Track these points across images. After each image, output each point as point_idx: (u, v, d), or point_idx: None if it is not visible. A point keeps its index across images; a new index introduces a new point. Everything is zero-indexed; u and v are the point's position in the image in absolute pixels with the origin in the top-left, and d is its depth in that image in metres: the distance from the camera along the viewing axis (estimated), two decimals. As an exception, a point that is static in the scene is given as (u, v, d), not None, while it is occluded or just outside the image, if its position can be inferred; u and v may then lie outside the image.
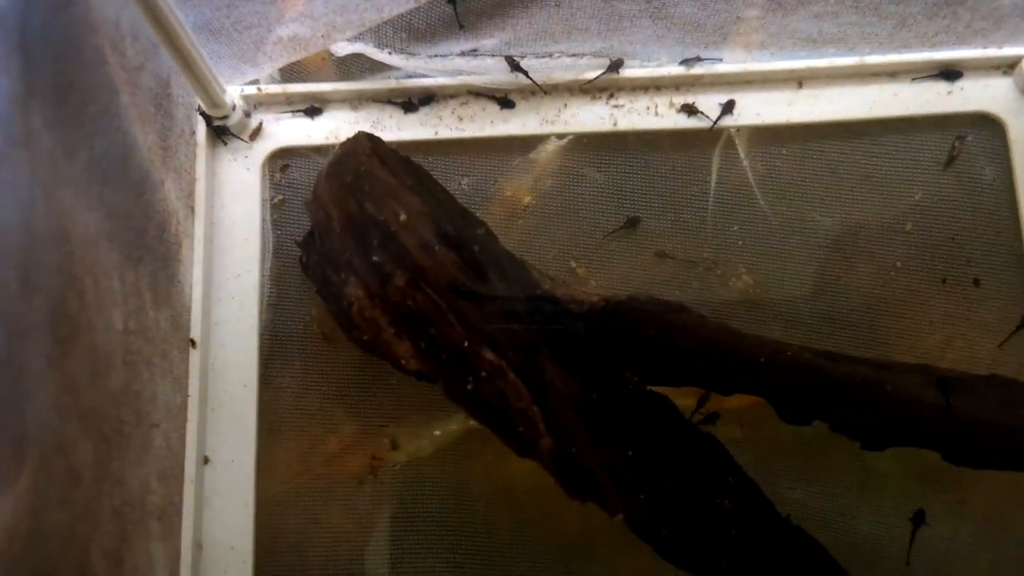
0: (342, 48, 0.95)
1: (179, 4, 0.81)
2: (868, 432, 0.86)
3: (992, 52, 0.99)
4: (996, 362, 0.95)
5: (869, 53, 0.99)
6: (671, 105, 1.01)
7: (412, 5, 0.83)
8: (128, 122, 0.80)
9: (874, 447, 0.87)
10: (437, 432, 0.96)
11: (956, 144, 1.00)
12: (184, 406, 0.92)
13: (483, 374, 0.85)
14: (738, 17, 0.90)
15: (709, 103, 1.01)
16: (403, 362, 0.88)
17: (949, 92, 1.01)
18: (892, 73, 1.01)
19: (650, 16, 0.89)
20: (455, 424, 0.96)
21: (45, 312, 0.65)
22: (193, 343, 0.94)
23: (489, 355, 0.85)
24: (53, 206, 0.68)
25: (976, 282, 0.97)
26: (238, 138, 1.01)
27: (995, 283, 0.97)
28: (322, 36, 0.89)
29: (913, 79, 1.01)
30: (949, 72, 1.00)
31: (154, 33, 0.80)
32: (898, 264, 0.98)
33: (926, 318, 0.97)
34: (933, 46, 0.97)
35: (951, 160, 1.00)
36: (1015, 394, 0.88)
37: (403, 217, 0.87)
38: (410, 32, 0.94)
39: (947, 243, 0.98)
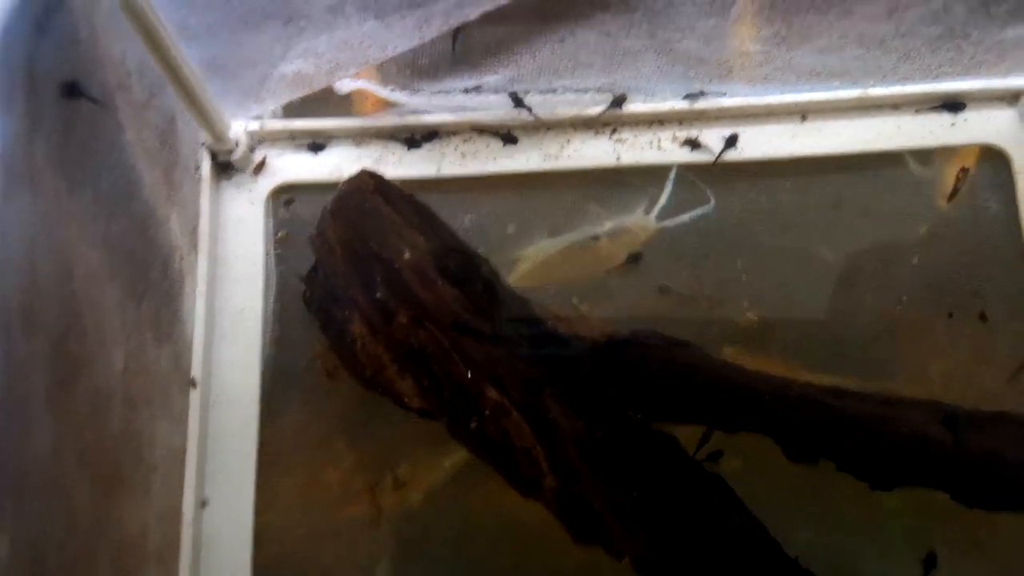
0: (345, 85, 0.95)
1: (185, 41, 0.81)
2: (876, 472, 0.85)
3: (995, 84, 0.99)
4: (1004, 397, 0.94)
5: (872, 86, 0.99)
6: (675, 139, 1.02)
7: (415, 43, 0.83)
8: (133, 158, 0.81)
9: (882, 487, 0.85)
10: (440, 470, 0.95)
11: (960, 176, 1.00)
12: (183, 447, 0.91)
13: (486, 412, 0.84)
14: (742, 52, 0.90)
15: (713, 137, 1.01)
16: (406, 400, 0.88)
17: (953, 124, 1.01)
18: (895, 105, 1.01)
19: (654, 51, 0.89)
20: (458, 461, 0.95)
21: (46, 351, 0.65)
22: (194, 383, 0.93)
23: (492, 393, 0.84)
24: (56, 243, 0.67)
25: (983, 316, 0.96)
26: (241, 174, 1.01)
27: (1002, 317, 0.96)
28: (326, 73, 0.89)
29: (916, 111, 1.01)
30: (953, 104, 1.00)
31: (160, 70, 0.81)
32: (904, 298, 0.98)
33: (933, 352, 0.96)
34: (936, 78, 0.97)
35: (955, 192, 1.00)
36: (1025, 430, 0.87)
37: (407, 254, 0.87)
38: (413, 69, 0.94)
39: (953, 276, 0.98)
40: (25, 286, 0.61)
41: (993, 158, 1.00)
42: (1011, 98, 1.00)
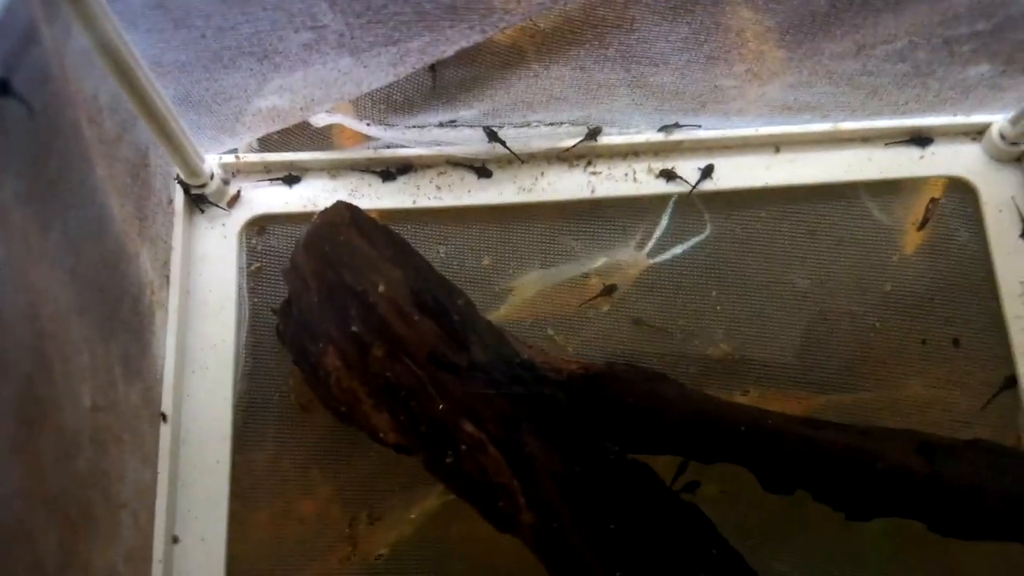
0: (321, 119, 0.95)
1: (159, 77, 0.81)
2: (852, 502, 0.85)
3: (961, 119, 1.01)
4: (978, 423, 0.95)
5: (843, 120, 1.01)
6: (650, 171, 1.02)
7: (390, 80, 0.83)
8: (104, 194, 0.79)
9: (859, 517, 0.86)
10: (416, 505, 0.94)
11: (930, 207, 1.02)
12: (153, 483, 0.89)
13: (463, 447, 0.83)
14: (715, 86, 0.91)
15: (688, 168, 1.02)
16: (382, 435, 0.87)
17: (921, 157, 1.02)
18: (866, 138, 1.03)
19: (628, 85, 0.90)
20: (435, 497, 0.94)
21: (13, 393, 0.63)
22: (164, 417, 0.92)
23: (469, 428, 0.83)
24: (24, 282, 0.66)
25: (955, 342, 0.98)
26: (216, 206, 1.00)
27: (974, 343, 0.98)
28: (301, 108, 0.89)
29: (886, 144, 1.03)
30: (921, 138, 1.02)
31: (133, 106, 0.80)
32: (878, 325, 0.99)
33: (908, 379, 0.97)
34: (904, 114, 0.99)
35: (926, 222, 1.01)
36: (1000, 459, 0.88)
37: (382, 287, 0.86)
38: (388, 103, 0.94)
39: (926, 304, 0.99)
40: (-9, 327, 0.60)
41: (961, 190, 1.02)
42: (976, 133, 1.02)
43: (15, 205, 0.66)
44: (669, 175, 1.02)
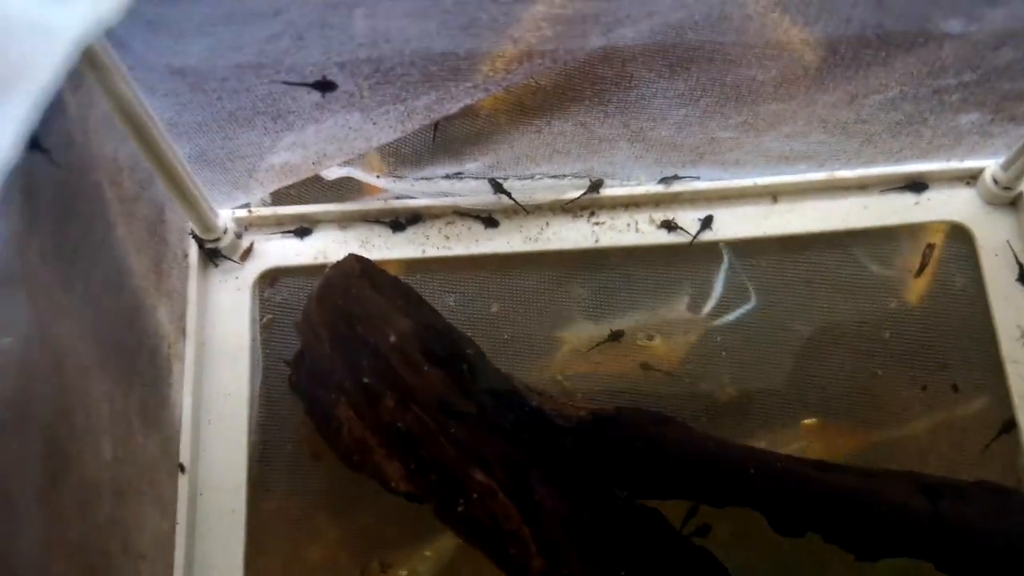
0: (332, 172, 0.98)
1: (176, 137, 0.84)
2: (860, 543, 0.86)
3: (955, 165, 1.04)
4: (980, 467, 0.96)
5: (838, 168, 1.03)
6: (651, 221, 1.05)
7: (398, 135, 0.86)
8: (123, 251, 0.82)
9: (868, 558, 0.86)
10: (428, 552, 0.95)
11: (927, 252, 1.04)
12: (171, 533, 0.90)
13: (473, 495, 0.85)
14: (712, 138, 0.94)
15: (688, 219, 1.04)
16: (393, 483, 0.88)
17: (916, 203, 1.05)
18: (861, 186, 1.05)
19: (628, 139, 0.93)
20: (445, 543, 0.95)
21: (38, 446, 0.66)
22: (182, 467, 0.94)
23: (479, 476, 0.85)
24: (49, 339, 0.69)
25: (955, 387, 0.99)
26: (229, 259, 1.03)
27: (973, 388, 0.99)
28: (313, 163, 0.92)
29: (882, 191, 1.05)
30: (916, 184, 1.05)
31: (150, 165, 0.83)
32: (879, 372, 1.00)
33: (909, 424, 0.98)
34: (898, 161, 1.02)
35: (923, 268, 1.03)
36: (1003, 500, 0.88)
37: (392, 338, 0.88)
38: (397, 157, 0.97)
39: (924, 350, 1.00)
40: (19, 384, 0.62)
41: (957, 235, 1.04)
42: (970, 178, 1.05)
43: (41, 264, 0.68)
44: (670, 226, 1.04)
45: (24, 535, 0.63)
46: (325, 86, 0.82)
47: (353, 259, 0.94)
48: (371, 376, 0.88)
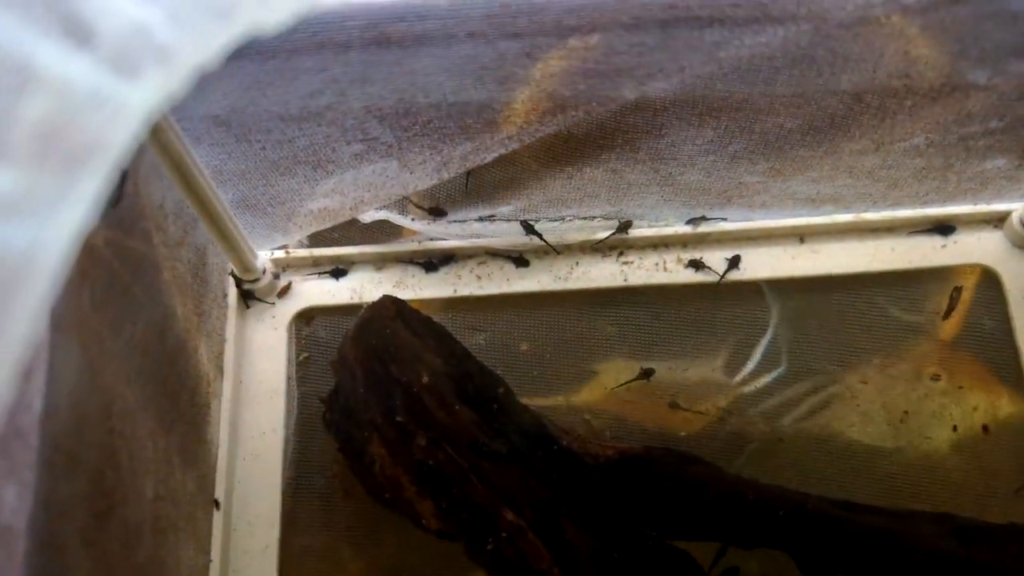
0: (368, 216, 1.01)
1: (220, 184, 0.87)
2: (891, 586, 0.86)
3: (982, 208, 1.05)
4: (1011, 509, 0.96)
5: (865, 210, 1.04)
6: (679, 261, 1.07)
7: (434, 182, 0.89)
8: (168, 295, 0.85)
9: (897, 601, 0.86)
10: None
11: (954, 295, 1.04)
12: (206, 569, 0.92)
13: (503, 534, 0.86)
14: (740, 182, 0.96)
15: (715, 259, 1.06)
16: (424, 521, 0.90)
17: (944, 246, 1.06)
18: (889, 228, 1.06)
19: (658, 184, 0.95)
20: (477, 579, 0.96)
21: (84, 488, 0.68)
22: (217, 504, 0.96)
23: (509, 515, 0.86)
24: (98, 383, 0.71)
25: (985, 428, 0.99)
26: (265, 302, 1.06)
27: (1002, 429, 0.99)
28: (350, 208, 0.95)
29: (909, 233, 1.06)
30: (943, 227, 1.06)
31: (195, 211, 0.86)
32: (907, 412, 1.01)
33: (938, 465, 0.98)
34: (925, 204, 1.03)
35: (951, 310, 1.04)
36: (1035, 543, 0.89)
37: (425, 379, 0.90)
38: (432, 201, 1.00)
39: (954, 391, 1.01)
40: (70, 429, 0.65)
41: (984, 277, 1.05)
42: (997, 221, 1.05)
43: (91, 310, 0.71)
44: (697, 265, 1.06)
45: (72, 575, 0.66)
46: (437, 212, 0.98)
47: (388, 300, 0.96)
48: (404, 415, 0.90)
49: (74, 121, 0.36)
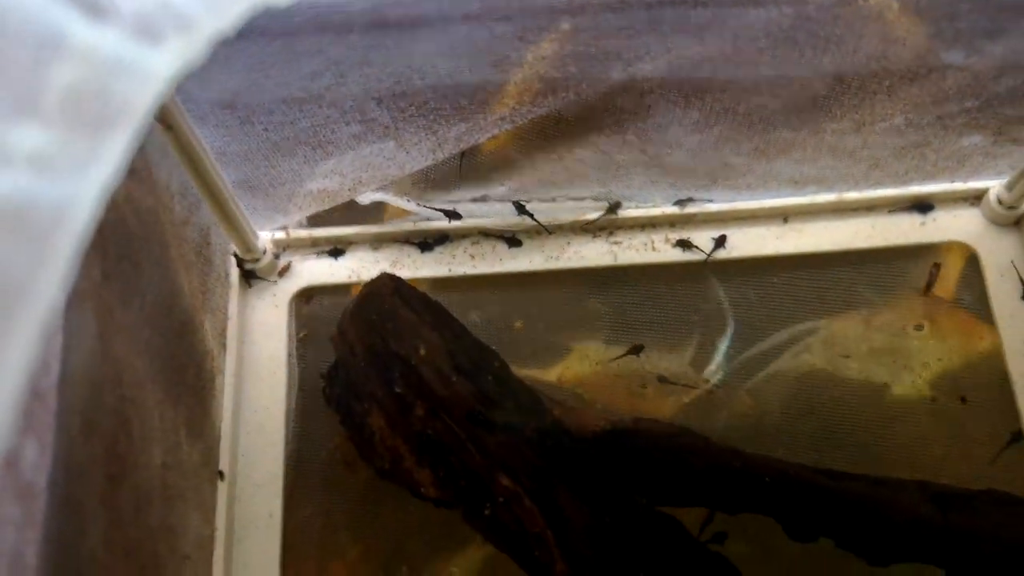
0: (365, 197, 1.04)
1: (223, 165, 0.90)
2: (872, 548, 0.89)
3: (959, 185, 1.08)
4: (989, 477, 0.99)
5: (846, 190, 1.08)
6: (667, 241, 1.10)
7: (429, 163, 0.92)
8: (174, 272, 0.88)
9: (880, 563, 0.90)
10: (455, 559, 0.99)
11: (933, 271, 1.08)
12: (211, 537, 0.96)
13: (500, 500, 0.89)
14: (725, 163, 0.99)
15: (702, 238, 1.09)
16: (422, 489, 0.93)
17: (923, 223, 1.09)
18: (869, 207, 1.10)
19: (644, 165, 0.98)
20: (473, 551, 0.99)
21: (101, 452, 0.71)
22: (221, 475, 0.99)
23: (505, 481, 0.89)
24: (111, 352, 0.74)
25: (963, 399, 1.03)
26: (266, 280, 1.09)
27: (981, 400, 1.03)
28: (349, 188, 0.98)
29: (889, 212, 1.09)
30: (922, 205, 1.09)
31: (199, 191, 0.89)
32: (889, 383, 1.04)
33: (919, 435, 1.02)
34: (904, 183, 1.06)
35: (930, 286, 1.07)
36: (1012, 508, 0.92)
37: (423, 351, 0.93)
38: (427, 182, 1.03)
39: (933, 364, 1.04)
40: (85, 395, 0.68)
41: (963, 254, 1.08)
42: (974, 198, 1.09)
43: (103, 282, 0.74)
44: (685, 244, 1.09)
45: (88, 535, 0.69)
46: (451, 215, 1.05)
47: (386, 277, 0.99)
48: (402, 387, 0.93)
49: (101, 86, 0.39)
